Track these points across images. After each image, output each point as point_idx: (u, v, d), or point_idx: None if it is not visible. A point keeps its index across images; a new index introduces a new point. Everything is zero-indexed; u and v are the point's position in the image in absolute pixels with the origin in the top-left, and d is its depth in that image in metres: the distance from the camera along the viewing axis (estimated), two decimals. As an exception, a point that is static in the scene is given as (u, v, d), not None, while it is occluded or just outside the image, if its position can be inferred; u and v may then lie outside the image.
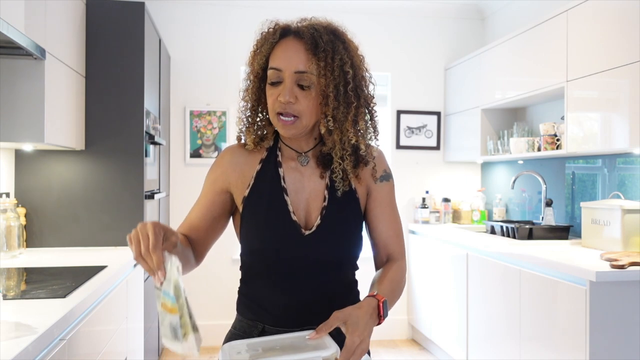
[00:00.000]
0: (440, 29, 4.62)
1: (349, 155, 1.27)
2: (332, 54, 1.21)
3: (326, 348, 1.06)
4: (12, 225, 2.46)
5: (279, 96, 1.21)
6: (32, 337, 1.25)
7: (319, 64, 1.20)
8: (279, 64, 1.22)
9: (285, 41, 1.24)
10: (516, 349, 2.83)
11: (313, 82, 1.21)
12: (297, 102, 1.21)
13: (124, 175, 2.94)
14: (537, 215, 3.80)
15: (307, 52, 1.21)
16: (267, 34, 1.26)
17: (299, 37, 1.23)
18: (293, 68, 1.20)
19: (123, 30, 2.96)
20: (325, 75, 1.20)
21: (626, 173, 3.01)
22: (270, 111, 1.25)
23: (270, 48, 1.24)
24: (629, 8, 2.55)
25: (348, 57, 1.23)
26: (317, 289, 1.27)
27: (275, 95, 1.22)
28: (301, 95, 1.21)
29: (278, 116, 1.22)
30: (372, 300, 1.15)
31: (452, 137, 4.53)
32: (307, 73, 1.20)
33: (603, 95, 2.73)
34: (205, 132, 4.29)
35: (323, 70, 1.20)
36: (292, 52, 1.22)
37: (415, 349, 4.30)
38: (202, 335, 1.11)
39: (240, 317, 1.34)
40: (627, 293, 2.26)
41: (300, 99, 1.21)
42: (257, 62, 1.26)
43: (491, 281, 3.13)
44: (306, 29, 1.23)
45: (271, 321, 1.27)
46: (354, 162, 1.28)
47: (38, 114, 2.26)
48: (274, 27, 1.26)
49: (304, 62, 1.20)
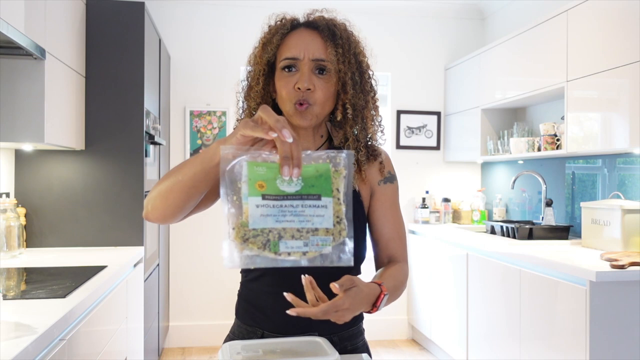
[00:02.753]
0: (440, 29, 4.62)
1: (364, 147, 1.26)
2: (348, 42, 1.20)
3: (326, 354, 1.06)
4: (12, 225, 2.46)
5: (296, 84, 1.17)
6: (32, 337, 1.25)
7: (338, 51, 1.18)
8: (295, 53, 1.18)
9: (297, 32, 1.21)
10: (516, 349, 2.83)
11: (330, 70, 1.18)
12: (315, 91, 1.18)
13: (124, 175, 2.94)
14: (537, 215, 3.80)
15: (324, 39, 1.19)
16: (277, 26, 1.23)
17: (312, 27, 1.21)
18: (310, 56, 1.17)
19: (123, 30, 2.96)
20: (344, 62, 1.18)
21: (626, 173, 3.01)
22: (284, 102, 1.20)
23: (280, 39, 1.21)
24: (629, 8, 2.55)
25: (361, 47, 1.24)
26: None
27: (291, 84, 1.18)
28: (319, 82, 1.18)
29: (295, 106, 1.18)
30: (376, 289, 1.11)
31: (452, 137, 4.53)
32: (325, 61, 1.18)
33: (603, 95, 2.73)
34: (205, 132, 4.29)
35: (342, 57, 1.18)
36: (308, 40, 1.19)
37: (415, 349, 4.30)
38: (202, 335, 1.09)
39: (239, 322, 1.31)
40: (627, 293, 2.26)
41: (317, 86, 1.17)
42: (266, 54, 1.21)
43: (491, 281, 3.13)
44: (319, 20, 1.22)
45: (271, 327, 1.25)
46: (367, 154, 1.28)
47: (38, 114, 2.25)
48: (281, 19, 1.24)
49: (322, 50, 1.18)
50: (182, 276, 4.24)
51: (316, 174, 0.83)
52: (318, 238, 0.82)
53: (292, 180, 0.81)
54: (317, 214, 0.82)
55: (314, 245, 0.81)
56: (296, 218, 0.81)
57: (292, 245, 0.80)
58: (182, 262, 4.24)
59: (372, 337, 4.51)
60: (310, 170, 0.83)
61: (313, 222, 0.82)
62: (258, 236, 0.80)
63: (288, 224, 0.81)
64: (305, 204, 0.82)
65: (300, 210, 0.81)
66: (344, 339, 1.27)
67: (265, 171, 0.81)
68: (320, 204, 0.82)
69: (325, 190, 0.83)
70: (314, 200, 0.82)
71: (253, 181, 0.80)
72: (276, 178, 0.81)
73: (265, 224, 0.80)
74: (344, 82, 1.19)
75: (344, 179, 0.86)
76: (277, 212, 0.80)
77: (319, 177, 0.83)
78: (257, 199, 0.80)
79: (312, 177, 0.83)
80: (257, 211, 0.80)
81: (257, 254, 0.80)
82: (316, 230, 0.82)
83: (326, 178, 0.84)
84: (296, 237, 0.81)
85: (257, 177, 0.81)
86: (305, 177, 0.82)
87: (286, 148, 0.80)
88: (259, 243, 0.80)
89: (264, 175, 0.81)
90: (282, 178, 0.81)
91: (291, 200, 0.81)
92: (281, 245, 0.80)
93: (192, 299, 4.24)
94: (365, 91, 1.23)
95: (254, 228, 0.80)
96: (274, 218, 0.80)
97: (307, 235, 0.81)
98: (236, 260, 0.81)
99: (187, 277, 4.25)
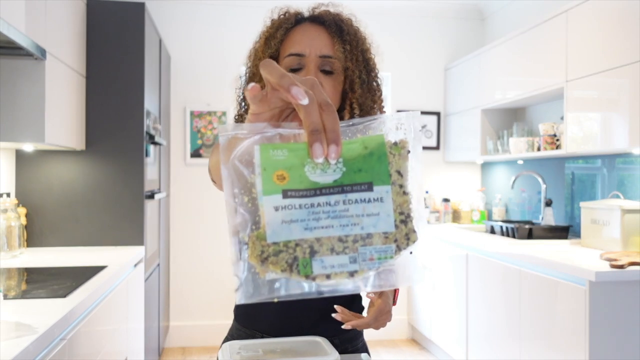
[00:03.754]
0: (440, 29, 4.63)
1: None
2: (356, 38, 1.14)
3: (326, 354, 1.06)
4: (12, 225, 2.46)
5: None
6: (33, 337, 1.25)
7: (345, 47, 1.11)
8: (301, 49, 1.11)
9: (302, 26, 1.14)
10: (516, 349, 2.83)
11: (337, 68, 1.12)
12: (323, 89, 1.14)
13: (124, 175, 2.95)
14: (536, 215, 3.81)
15: (331, 35, 1.12)
16: (280, 20, 1.15)
17: (317, 22, 1.14)
18: (317, 52, 1.10)
19: (123, 30, 2.96)
20: (351, 59, 1.12)
21: (626, 173, 3.02)
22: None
23: (284, 34, 1.13)
24: (629, 8, 2.55)
25: (368, 43, 1.18)
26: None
27: None
28: (326, 81, 1.11)
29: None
30: None
31: (452, 137, 4.53)
32: (333, 58, 1.11)
33: (603, 95, 2.73)
34: (206, 132, 4.29)
35: (349, 54, 1.12)
36: (314, 36, 1.12)
37: (415, 349, 4.30)
38: (202, 335, 1.09)
39: (238, 325, 1.29)
40: (626, 293, 2.27)
41: (325, 85, 1.11)
42: (268, 49, 1.13)
43: (491, 281, 3.13)
44: (325, 14, 1.15)
45: (270, 330, 1.23)
46: None
47: (38, 114, 2.26)
48: (285, 13, 1.16)
49: (329, 46, 1.11)
50: (182, 276, 4.24)
51: (364, 152, 0.55)
52: (372, 249, 0.54)
53: (327, 165, 0.54)
54: (369, 212, 0.55)
55: (365, 261, 0.54)
56: (336, 221, 0.54)
57: (333, 262, 0.54)
58: (182, 262, 4.24)
59: (372, 337, 4.52)
60: (355, 148, 0.56)
61: (363, 225, 0.54)
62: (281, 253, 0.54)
63: (324, 231, 0.54)
64: (349, 199, 0.54)
65: (341, 209, 0.54)
66: (345, 341, 1.27)
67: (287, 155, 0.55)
68: (373, 197, 0.55)
69: (380, 176, 0.55)
70: (362, 192, 0.54)
71: (270, 172, 0.54)
72: (304, 164, 0.54)
73: (290, 234, 0.54)
74: (351, 81, 1.13)
75: (410, 155, 0.57)
76: (306, 214, 0.54)
77: (369, 156, 0.55)
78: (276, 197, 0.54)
79: (359, 158, 0.55)
80: (277, 216, 0.54)
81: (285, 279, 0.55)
82: (369, 236, 0.54)
83: (380, 157, 0.55)
84: (338, 251, 0.54)
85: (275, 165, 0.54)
86: (349, 158, 0.55)
87: (314, 117, 0.53)
88: (283, 263, 0.54)
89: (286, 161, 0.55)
90: (313, 162, 0.54)
91: (327, 196, 0.54)
92: (315, 264, 0.53)
93: (192, 299, 4.24)
94: (372, 90, 1.18)
95: (274, 242, 0.53)
96: (303, 224, 0.54)
97: (355, 245, 0.54)
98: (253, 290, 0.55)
99: (187, 277, 4.25)
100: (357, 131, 0.58)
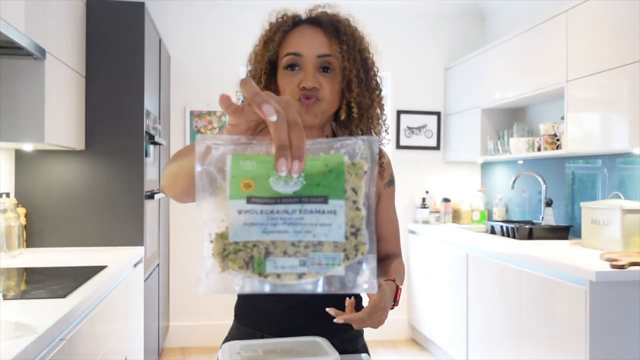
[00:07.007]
0: (440, 29, 4.62)
1: None
2: (353, 38, 1.17)
3: (326, 354, 1.06)
4: (12, 225, 2.46)
5: (300, 83, 1.13)
6: (32, 337, 1.25)
7: (342, 47, 1.14)
8: (299, 49, 1.15)
9: (300, 28, 1.18)
10: (516, 349, 2.83)
11: (335, 67, 1.15)
12: (321, 88, 1.14)
13: (124, 175, 2.94)
14: (537, 215, 3.80)
15: (328, 36, 1.15)
16: (278, 23, 1.19)
17: (314, 23, 1.18)
18: (315, 52, 1.14)
19: (123, 30, 2.96)
20: (348, 59, 1.14)
21: (626, 173, 3.01)
22: None
23: (282, 37, 1.17)
24: (629, 8, 2.55)
25: (366, 42, 1.20)
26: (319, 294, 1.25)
27: (295, 82, 1.14)
28: (324, 80, 1.15)
29: (301, 100, 1.14)
30: (393, 285, 1.14)
31: (452, 137, 4.53)
32: (331, 56, 1.14)
33: (603, 95, 2.73)
34: (206, 132, 4.29)
35: (346, 54, 1.14)
36: (311, 36, 1.16)
37: (415, 349, 4.30)
38: (202, 335, 1.09)
39: (238, 325, 1.29)
40: (627, 293, 2.26)
41: (323, 84, 1.14)
42: (267, 52, 1.17)
43: (491, 281, 3.13)
44: (322, 16, 1.18)
45: (270, 329, 1.24)
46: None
47: (38, 114, 2.26)
48: (282, 16, 1.20)
49: (327, 46, 1.15)
50: (182, 276, 4.24)
51: (325, 169, 0.61)
52: (322, 255, 0.60)
53: (290, 178, 0.60)
54: (322, 222, 0.60)
55: (314, 265, 0.60)
56: (291, 228, 0.60)
57: (284, 264, 0.60)
58: (182, 262, 4.24)
59: (372, 337, 4.51)
60: (317, 165, 0.61)
61: (315, 233, 0.60)
62: (240, 251, 0.60)
63: (279, 235, 0.60)
64: (305, 209, 0.60)
65: (297, 217, 0.60)
66: (345, 342, 1.27)
67: (255, 166, 0.61)
68: (327, 209, 0.61)
69: (335, 190, 0.61)
70: (317, 203, 0.60)
71: (238, 179, 0.60)
72: (269, 175, 0.60)
73: (249, 235, 0.60)
74: (348, 80, 1.16)
75: (365, 175, 0.62)
76: (265, 219, 0.60)
77: (328, 173, 0.61)
78: (241, 202, 0.60)
79: (319, 174, 0.61)
80: (240, 218, 0.60)
81: (244, 275, 0.61)
82: (319, 244, 0.60)
83: (338, 174, 0.61)
84: (290, 254, 0.60)
85: (243, 174, 0.60)
86: (310, 173, 0.61)
87: (282, 134, 0.58)
88: (240, 261, 0.60)
89: (253, 171, 0.61)
90: (278, 175, 0.60)
91: (286, 205, 0.60)
92: (268, 264, 0.60)
93: (192, 299, 4.24)
94: (370, 89, 1.20)
95: (235, 241, 0.60)
96: (261, 228, 0.60)
97: (306, 251, 0.60)
98: (212, 283, 0.61)
99: (187, 277, 4.25)
100: (321, 150, 0.63)
